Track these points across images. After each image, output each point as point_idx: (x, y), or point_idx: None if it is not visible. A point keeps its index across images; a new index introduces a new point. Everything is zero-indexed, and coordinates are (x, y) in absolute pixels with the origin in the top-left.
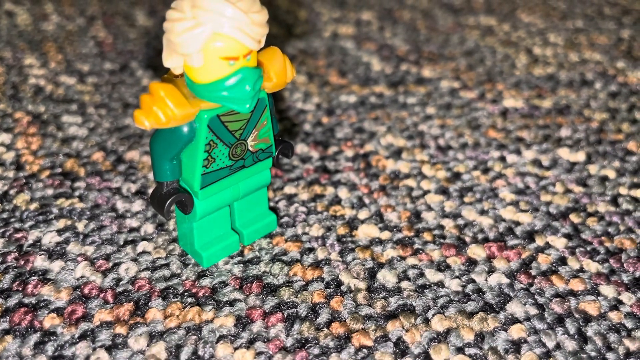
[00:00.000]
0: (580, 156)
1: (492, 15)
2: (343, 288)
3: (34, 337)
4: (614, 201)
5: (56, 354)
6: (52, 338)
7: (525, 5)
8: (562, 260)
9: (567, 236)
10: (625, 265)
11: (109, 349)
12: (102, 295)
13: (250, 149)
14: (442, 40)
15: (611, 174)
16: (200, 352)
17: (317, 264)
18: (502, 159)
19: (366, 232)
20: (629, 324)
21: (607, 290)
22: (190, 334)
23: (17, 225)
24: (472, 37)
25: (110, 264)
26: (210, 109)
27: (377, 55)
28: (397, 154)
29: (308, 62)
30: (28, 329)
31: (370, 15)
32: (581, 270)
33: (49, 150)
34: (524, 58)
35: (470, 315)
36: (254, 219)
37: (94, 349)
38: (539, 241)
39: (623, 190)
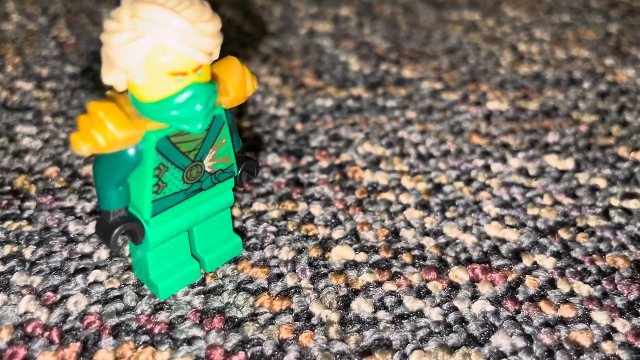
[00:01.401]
0: (569, 163)
1: (476, 9)
2: (314, 320)
3: None
4: (605, 214)
5: None
6: None
7: None
8: (551, 283)
9: (556, 254)
10: (618, 287)
11: None
12: (46, 334)
13: (208, 170)
14: (424, 37)
15: (601, 183)
16: None
17: (286, 293)
18: (487, 167)
19: (340, 254)
20: (624, 355)
21: (600, 317)
22: None
23: None
24: (455, 33)
25: (58, 296)
26: (158, 130)
27: (356, 53)
28: (375, 163)
29: (282, 62)
30: None
31: (349, 10)
32: (572, 294)
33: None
34: (508, 55)
35: (452, 350)
36: (216, 244)
37: None
38: (526, 261)
39: (614, 201)
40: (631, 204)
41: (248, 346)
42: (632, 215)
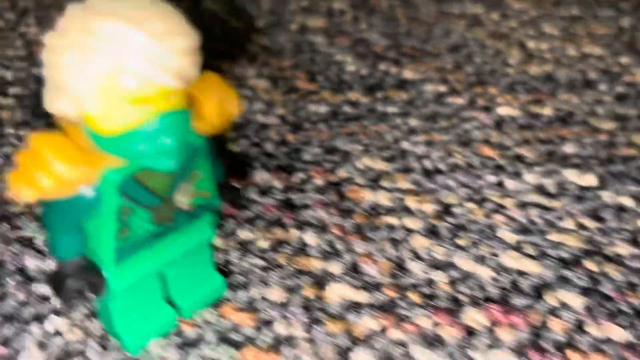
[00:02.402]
0: (591, 179)
1: (479, 1)
2: None
3: None
4: (634, 240)
5: None
6: None
7: None
8: (579, 326)
9: (583, 290)
10: None
11: None
12: None
13: (184, 207)
14: (425, 33)
15: (627, 202)
16: None
17: (275, 345)
18: (500, 184)
19: (339, 293)
20: None
21: None
22: None
23: None
24: (457, 28)
25: (10, 352)
26: (120, 168)
27: (351, 52)
28: (375, 180)
29: (272, 62)
30: None
31: (343, 3)
32: (606, 339)
33: None
34: (517, 53)
35: None
36: (194, 285)
37: None
38: (550, 299)
39: None
40: None
41: None
42: None
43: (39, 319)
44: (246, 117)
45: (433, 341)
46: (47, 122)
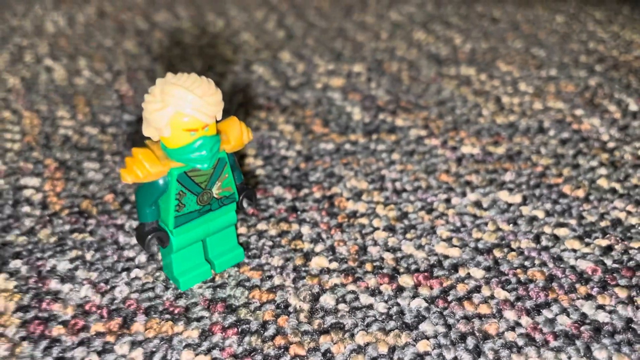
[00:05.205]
0: (517, 198)
1: (473, 65)
2: (290, 309)
3: (44, 343)
4: (536, 238)
5: (59, 355)
6: (57, 344)
7: (507, 55)
8: (477, 289)
9: (487, 268)
10: (530, 293)
11: (99, 353)
12: (99, 311)
13: (215, 196)
14: (421, 90)
15: (540, 214)
16: (168, 357)
17: (272, 289)
18: (447, 200)
19: (318, 263)
20: (521, 342)
21: (509, 314)
22: (163, 342)
23: (38, 254)
24: (449, 86)
25: (109, 287)
26: (179, 167)
27: (360, 105)
28: (358, 195)
29: (298, 112)
30: (40, 336)
31: (361, 67)
32: (491, 297)
33: (70, 192)
34: (491, 106)
35: (388, 332)
36: (224, 252)
37: (88, 353)
38: (462, 272)
39: (547, 229)
40: (561, 231)
41: (240, 324)
42: (559, 239)
43: (126, 270)
44: (272, 151)
45: (374, 292)
46: (136, 145)
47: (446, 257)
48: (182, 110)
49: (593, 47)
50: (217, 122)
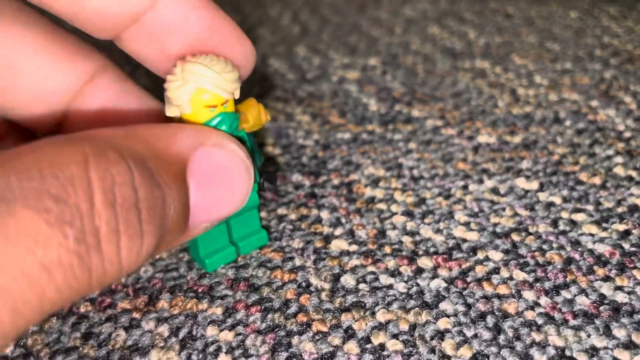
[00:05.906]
0: (534, 185)
1: (487, 58)
2: (311, 288)
3: (72, 319)
4: (554, 222)
5: (87, 331)
6: (85, 320)
7: (521, 49)
8: (496, 270)
9: (505, 251)
10: (549, 275)
11: (126, 329)
12: (125, 289)
13: None
14: (437, 83)
15: (557, 200)
16: (194, 332)
17: (294, 270)
18: (465, 187)
19: (338, 245)
20: (540, 320)
21: (528, 295)
22: (188, 318)
23: None
24: (464, 79)
25: None
26: None
27: (376, 97)
28: (375, 182)
29: (314, 104)
30: (68, 313)
31: (376, 60)
32: (510, 278)
33: None
34: (507, 98)
35: (408, 310)
36: (247, 234)
37: (115, 328)
38: (480, 255)
39: (565, 214)
40: (579, 216)
41: (263, 302)
42: (576, 224)
43: None
44: (290, 140)
45: (394, 273)
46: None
47: (464, 240)
48: (202, 86)
49: (607, 42)
50: (235, 103)
